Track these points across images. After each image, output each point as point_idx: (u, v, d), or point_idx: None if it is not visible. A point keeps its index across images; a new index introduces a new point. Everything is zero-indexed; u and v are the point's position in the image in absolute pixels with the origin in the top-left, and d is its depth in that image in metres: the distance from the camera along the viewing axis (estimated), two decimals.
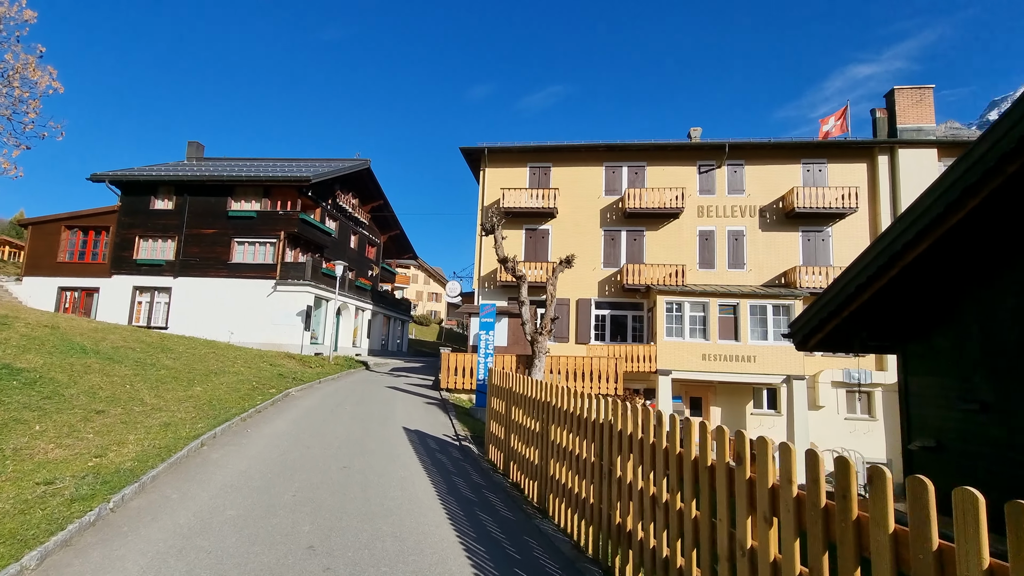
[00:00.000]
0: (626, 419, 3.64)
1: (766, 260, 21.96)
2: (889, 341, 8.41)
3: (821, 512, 2.09)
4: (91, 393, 9.24)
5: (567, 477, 4.59)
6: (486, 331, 11.85)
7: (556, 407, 4.86)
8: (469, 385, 14.78)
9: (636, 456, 3.50)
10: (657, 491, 3.24)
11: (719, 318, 20.14)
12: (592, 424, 4.16)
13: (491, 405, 7.26)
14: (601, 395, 4.39)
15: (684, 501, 2.97)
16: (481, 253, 23.18)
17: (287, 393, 12.38)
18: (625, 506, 3.61)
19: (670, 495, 3.10)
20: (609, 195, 23.09)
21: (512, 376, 6.26)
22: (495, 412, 7.03)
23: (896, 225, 6.24)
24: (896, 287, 7.25)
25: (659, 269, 21.43)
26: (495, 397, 7.08)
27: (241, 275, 23.52)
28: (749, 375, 19.87)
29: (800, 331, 8.84)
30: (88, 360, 11.36)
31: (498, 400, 6.92)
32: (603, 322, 22.46)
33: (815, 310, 8.34)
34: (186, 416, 8.91)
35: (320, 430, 8.42)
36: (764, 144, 22.03)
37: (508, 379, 6.42)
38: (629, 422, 3.61)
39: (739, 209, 22.37)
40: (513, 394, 6.14)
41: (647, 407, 4.46)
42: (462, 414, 11.41)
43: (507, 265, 15.02)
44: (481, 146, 23.13)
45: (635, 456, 3.52)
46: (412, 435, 8.56)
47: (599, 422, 4.05)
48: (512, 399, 6.19)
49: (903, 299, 7.65)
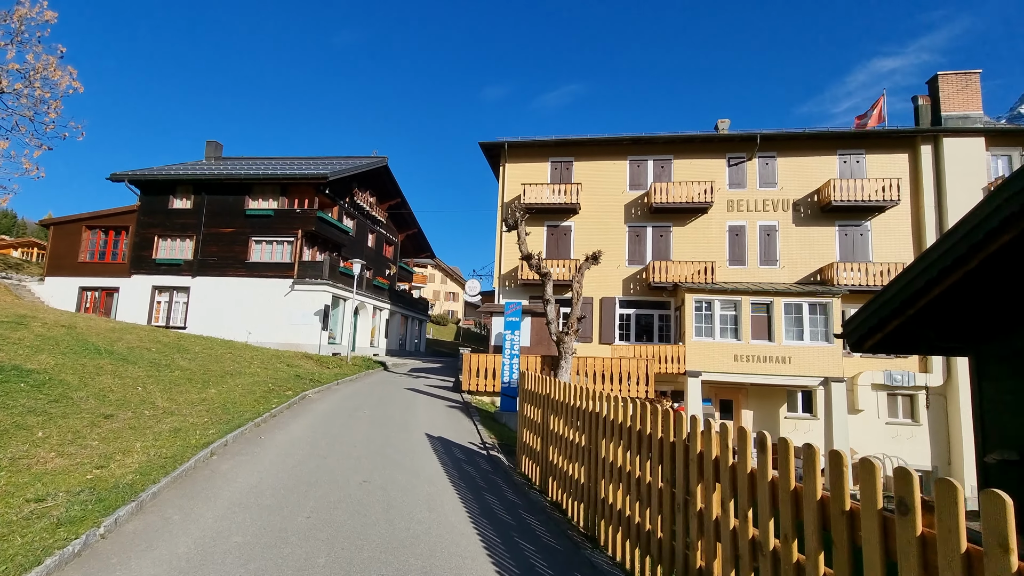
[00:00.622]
0: (711, 440, 2.94)
1: (800, 256, 20.91)
2: (960, 342, 7.56)
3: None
4: (101, 396, 8.83)
5: (624, 503, 3.91)
6: (511, 331, 11.20)
7: (608, 419, 4.18)
8: (492, 387, 14.16)
9: (727, 488, 2.80)
10: (761, 535, 2.54)
11: (751, 317, 19.19)
12: (660, 443, 3.47)
13: (523, 412, 6.60)
14: (633, 399, 3.72)
15: (807, 557, 2.26)
16: (501, 251, 22.54)
17: (304, 395, 11.89)
18: (710, 548, 2.91)
19: (782, 544, 2.40)
20: (634, 190, 22.25)
21: (550, 381, 5.60)
22: (528, 420, 6.37)
23: (974, 214, 5.45)
24: (972, 282, 6.43)
25: (687, 266, 20.55)
26: (528, 403, 6.42)
27: (259, 274, 23.26)
28: (783, 377, 18.89)
29: (856, 331, 7.99)
30: (101, 361, 11.01)
31: (532, 407, 6.25)
32: (628, 321, 21.65)
33: (874, 308, 7.50)
34: (198, 421, 8.43)
35: (338, 437, 7.85)
36: (798, 135, 20.98)
37: (545, 384, 5.76)
38: (715, 444, 2.91)
39: (771, 203, 21.35)
40: (552, 401, 5.47)
41: (678, 411, 3.76)
42: (487, 419, 10.78)
43: (531, 262, 14.34)
44: (501, 141, 22.50)
45: (724, 487, 2.82)
46: (436, 443, 7.95)
47: (669, 440, 3.35)
48: (550, 406, 5.53)
49: (979, 295, 6.81)
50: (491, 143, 22.66)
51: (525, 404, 6.53)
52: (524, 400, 6.60)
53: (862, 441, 19.40)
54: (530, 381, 6.38)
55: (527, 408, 6.44)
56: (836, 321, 18.63)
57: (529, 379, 6.40)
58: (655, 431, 3.53)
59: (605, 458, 4.21)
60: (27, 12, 22.95)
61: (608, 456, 4.18)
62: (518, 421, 6.77)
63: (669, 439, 3.37)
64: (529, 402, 6.38)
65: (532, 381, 6.28)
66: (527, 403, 6.47)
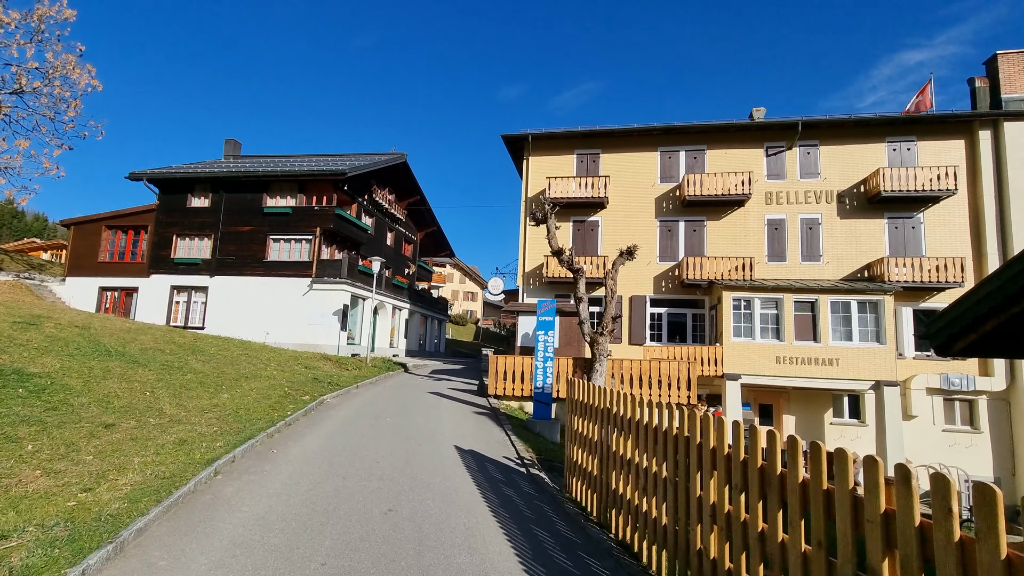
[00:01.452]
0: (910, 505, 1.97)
1: (845, 251, 19.55)
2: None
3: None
4: (104, 402, 8.15)
5: (740, 566, 2.94)
6: (544, 331, 10.26)
7: (716, 451, 3.21)
8: (520, 392, 13.24)
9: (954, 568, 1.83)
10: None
11: (795, 316, 17.93)
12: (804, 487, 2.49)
13: (572, 426, 5.67)
14: (674, 405, 2.75)
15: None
16: (525, 247, 21.61)
17: (321, 400, 11.13)
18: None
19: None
20: (665, 182, 21.12)
21: (611, 394, 4.65)
22: (578, 436, 5.43)
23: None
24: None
25: (723, 262, 19.36)
26: (579, 416, 5.48)
27: (277, 273, 22.73)
28: (830, 380, 17.60)
29: (944, 330, 6.86)
30: (110, 363, 10.39)
31: (585, 421, 5.31)
32: (659, 321, 20.54)
33: (968, 305, 6.36)
34: (206, 430, 7.68)
35: (358, 451, 7.01)
36: (844, 121, 19.61)
37: (604, 396, 4.81)
38: (916, 506, 1.94)
39: (813, 195, 20.02)
40: (616, 418, 4.52)
41: (719, 417, 2.80)
42: (519, 428, 9.86)
43: (562, 258, 13.40)
44: (524, 133, 21.57)
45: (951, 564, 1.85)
46: (467, 458, 7.05)
47: (848, 491, 2.37)
48: (613, 423, 4.58)
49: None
50: (514, 135, 21.75)
51: (575, 417, 5.58)
52: (573, 412, 5.66)
53: (916, 450, 17.98)
54: (582, 391, 5.44)
55: (577, 422, 5.50)
56: (888, 320, 17.27)
57: (580, 389, 5.46)
58: (792, 470, 2.56)
59: (711, 502, 3.24)
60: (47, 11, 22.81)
61: (709, 497, 3.22)
62: (566, 436, 5.84)
63: (822, 486, 2.40)
64: (580, 415, 5.44)
65: (584, 391, 5.33)
66: (577, 416, 5.53)
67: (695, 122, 20.53)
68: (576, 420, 5.53)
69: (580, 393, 5.49)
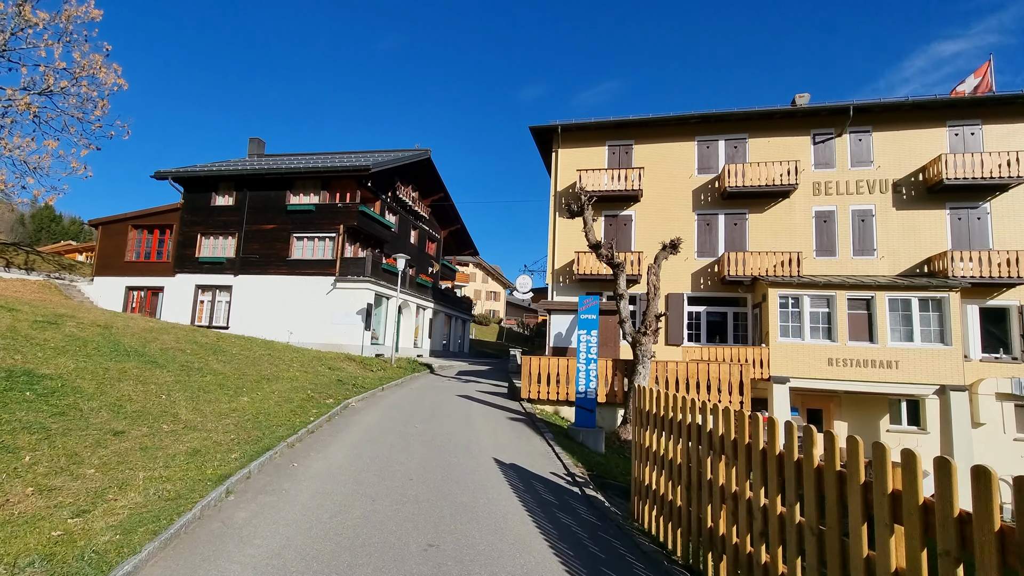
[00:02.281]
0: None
1: (902, 244, 18.10)
2: None
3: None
4: (116, 407, 7.56)
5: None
6: (587, 330, 9.35)
7: (900, 497, 2.28)
8: (555, 396, 12.36)
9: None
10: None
11: (849, 315, 16.61)
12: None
13: (639, 441, 4.77)
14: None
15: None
16: (555, 243, 20.69)
17: (346, 404, 10.43)
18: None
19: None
20: (703, 173, 19.95)
21: (704, 408, 3.73)
22: (651, 454, 4.53)
23: None
24: None
25: (767, 257, 18.11)
26: (650, 430, 4.58)
27: (300, 272, 22.31)
28: (888, 384, 16.23)
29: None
30: (127, 364, 9.87)
31: (658, 436, 4.40)
32: (697, 320, 19.38)
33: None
34: (222, 439, 7.01)
35: (387, 465, 6.23)
36: (900, 104, 18.16)
37: (693, 409, 3.89)
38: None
39: (865, 184, 18.61)
40: (714, 438, 3.61)
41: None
42: (560, 437, 8.98)
43: (600, 252, 12.47)
44: (553, 124, 20.65)
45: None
46: (510, 474, 6.20)
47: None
48: (709, 444, 3.66)
49: None
50: (542, 127, 20.85)
51: (644, 431, 4.68)
52: (641, 424, 4.75)
53: (984, 460, 16.37)
54: (654, 400, 4.53)
55: (648, 437, 4.59)
56: (955, 319, 15.83)
57: (653, 398, 4.55)
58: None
59: (875, 561, 2.32)
60: (75, 11, 22.80)
61: (889, 560, 2.29)
62: (633, 452, 4.93)
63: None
64: (653, 429, 4.53)
65: (660, 401, 4.42)
66: (648, 429, 4.62)
67: (736, 109, 19.33)
68: (647, 435, 4.63)
69: (651, 402, 4.58)
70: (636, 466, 4.80)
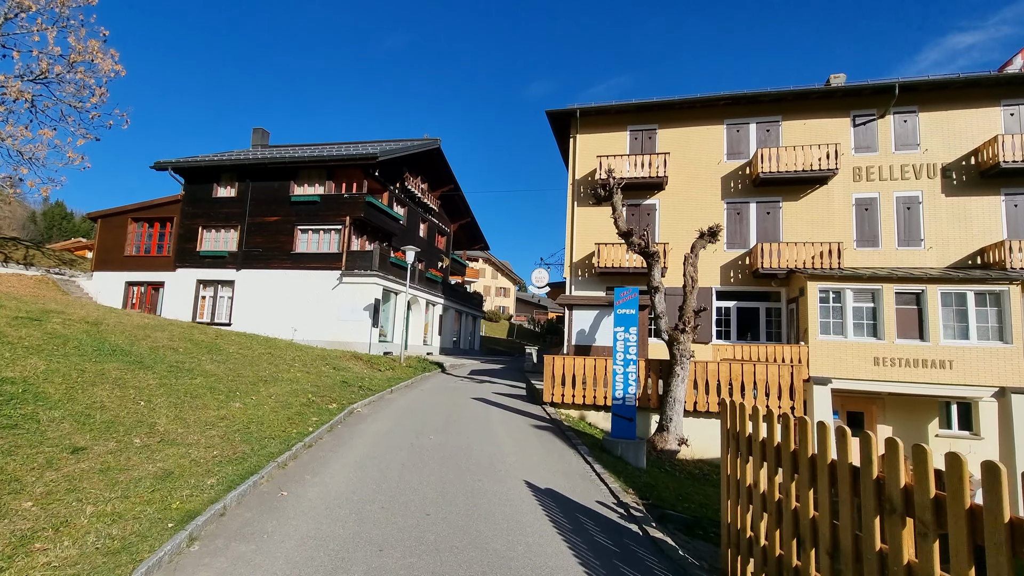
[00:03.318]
0: None
1: (952, 233, 16.68)
2: None
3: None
4: (83, 417, 6.49)
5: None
6: (624, 327, 8.14)
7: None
8: (582, 399, 11.18)
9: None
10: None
11: (896, 310, 15.25)
12: None
13: (736, 475, 3.58)
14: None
15: None
16: (573, 235, 19.47)
17: (351, 410, 9.33)
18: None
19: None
20: (732, 159, 18.62)
21: (870, 443, 2.54)
22: (757, 496, 3.33)
23: None
24: None
25: (804, 249, 16.78)
26: (754, 462, 3.38)
27: (305, 266, 21.28)
28: (940, 386, 14.87)
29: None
30: (107, 366, 8.81)
31: (769, 472, 3.21)
32: (727, 316, 18.10)
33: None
34: (203, 455, 5.92)
35: (397, 492, 5.09)
36: (950, 82, 16.70)
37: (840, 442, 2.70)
38: None
39: (911, 169, 17.19)
40: (895, 493, 2.41)
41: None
42: (595, 450, 7.81)
43: (631, 240, 11.24)
44: (571, 108, 19.40)
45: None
46: (549, 505, 5.04)
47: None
48: (881, 498, 2.46)
49: None
50: (559, 111, 19.60)
51: (748, 465, 3.48)
52: (740, 453, 3.56)
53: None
54: (760, 422, 3.33)
55: (754, 473, 3.40)
56: (1016, 315, 14.43)
57: (759, 419, 3.35)
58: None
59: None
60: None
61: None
62: (724, 489, 3.75)
63: None
64: (758, 459, 3.34)
65: (773, 425, 3.22)
66: (753, 463, 3.43)
67: (769, 89, 17.94)
68: (748, 469, 3.43)
69: (756, 425, 3.38)
70: (730, 510, 3.61)
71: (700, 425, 10.79)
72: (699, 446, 10.67)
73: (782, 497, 3.07)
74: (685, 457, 10.37)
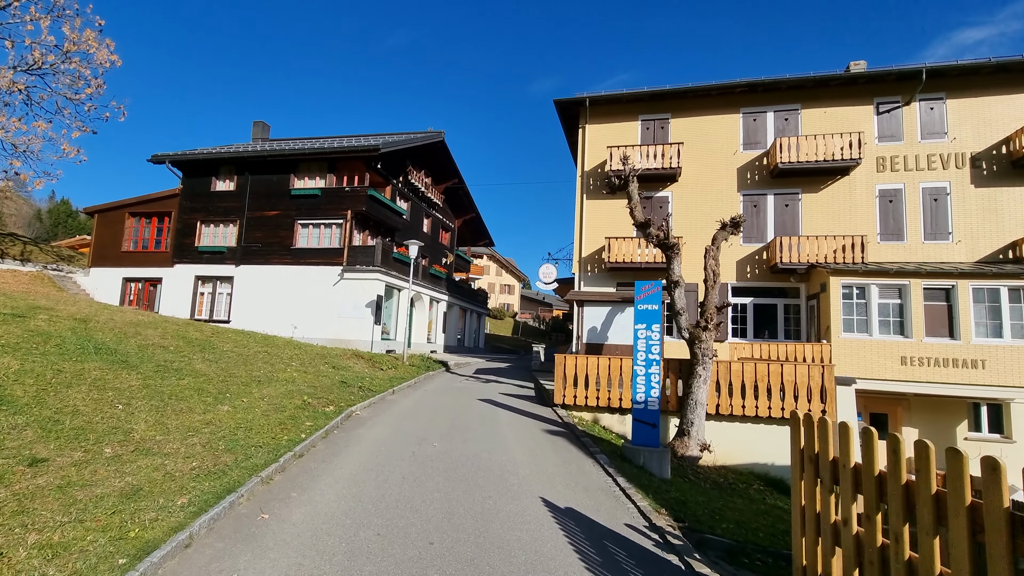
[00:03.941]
0: None
1: (982, 227, 15.87)
2: None
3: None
4: (50, 423, 5.86)
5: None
6: (647, 324, 7.45)
7: None
8: (595, 401, 10.50)
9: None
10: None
11: (925, 307, 14.48)
12: None
13: (811, 503, 2.89)
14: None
15: None
16: (582, 229, 18.75)
17: (349, 413, 8.68)
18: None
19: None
20: (749, 149, 17.84)
21: None
22: (848, 536, 2.64)
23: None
24: None
25: (825, 242, 16.01)
26: (849, 492, 2.69)
27: (305, 261, 20.66)
28: (971, 386, 14.10)
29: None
30: (87, 365, 8.19)
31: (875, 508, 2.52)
32: (743, 313, 17.35)
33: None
34: (179, 468, 5.28)
35: (397, 515, 4.42)
36: (980, 66, 15.86)
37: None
38: None
39: (938, 159, 16.37)
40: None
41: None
42: (615, 458, 7.12)
43: (649, 232, 10.54)
44: (581, 96, 18.66)
45: None
46: (571, 528, 4.37)
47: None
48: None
49: None
50: (568, 100, 18.86)
51: (831, 496, 2.79)
52: (821, 479, 2.87)
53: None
54: (849, 443, 2.64)
55: (845, 507, 2.71)
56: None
57: (848, 438, 2.66)
58: None
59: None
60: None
61: None
62: (795, 520, 3.05)
63: None
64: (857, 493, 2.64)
65: (873, 448, 2.53)
66: (840, 493, 2.74)
67: (787, 75, 17.15)
68: (832, 502, 2.75)
69: (842, 447, 2.70)
70: (804, 546, 2.92)
71: (722, 429, 10.09)
72: (721, 452, 9.98)
73: (888, 543, 2.37)
74: (707, 464, 9.68)
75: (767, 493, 8.79)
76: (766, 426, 10.00)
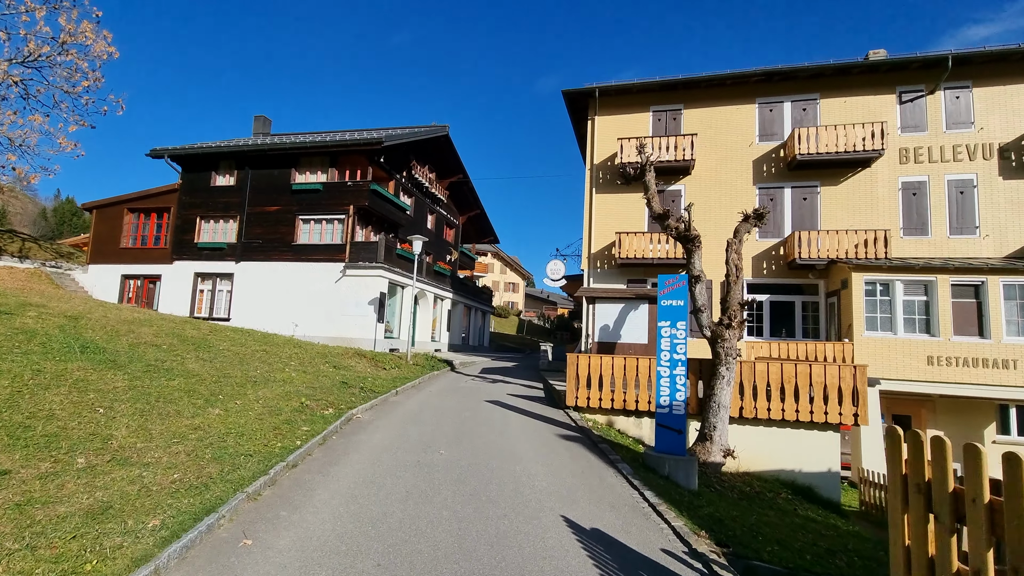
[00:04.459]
0: None
1: (1011, 220, 15.18)
2: None
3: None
4: (20, 429, 5.33)
5: None
6: (672, 321, 6.86)
7: None
8: (610, 403, 9.92)
9: None
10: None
11: (952, 304, 13.82)
12: None
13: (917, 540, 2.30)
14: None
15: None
16: (591, 225, 18.14)
17: (350, 416, 8.14)
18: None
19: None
20: (765, 141, 17.18)
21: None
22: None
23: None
24: None
25: (845, 237, 15.36)
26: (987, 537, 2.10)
27: (306, 258, 20.14)
28: (1002, 387, 13.45)
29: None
30: (71, 365, 7.67)
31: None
32: (759, 310, 16.72)
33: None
34: (158, 480, 4.74)
35: (401, 541, 3.86)
36: (1011, 52, 15.14)
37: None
38: None
39: (965, 150, 15.68)
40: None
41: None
42: (639, 468, 6.55)
43: (668, 224, 9.94)
44: (590, 87, 18.03)
45: None
46: (599, 555, 3.80)
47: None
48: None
49: None
50: (577, 91, 18.25)
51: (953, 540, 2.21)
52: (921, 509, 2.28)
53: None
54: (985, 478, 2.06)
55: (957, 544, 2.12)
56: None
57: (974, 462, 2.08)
58: None
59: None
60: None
61: None
62: (895, 561, 2.46)
63: None
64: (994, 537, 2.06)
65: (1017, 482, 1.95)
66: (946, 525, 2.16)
67: (805, 63, 16.48)
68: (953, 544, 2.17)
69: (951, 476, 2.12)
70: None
71: (745, 434, 9.49)
72: (745, 457, 9.38)
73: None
74: (729, 470, 9.10)
75: (797, 503, 8.20)
76: (793, 430, 9.40)
